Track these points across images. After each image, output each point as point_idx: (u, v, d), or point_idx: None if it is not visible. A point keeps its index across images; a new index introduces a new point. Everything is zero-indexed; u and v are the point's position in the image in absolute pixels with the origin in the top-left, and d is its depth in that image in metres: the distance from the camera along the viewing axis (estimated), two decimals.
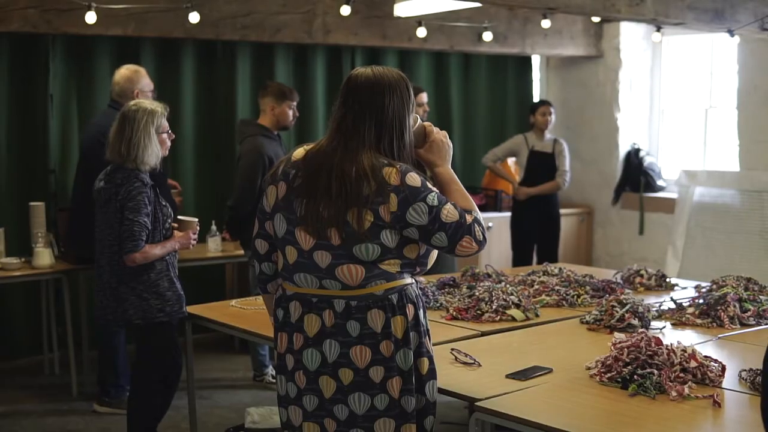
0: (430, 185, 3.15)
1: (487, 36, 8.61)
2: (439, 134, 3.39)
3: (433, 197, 3.12)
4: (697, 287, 5.51)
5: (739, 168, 8.85)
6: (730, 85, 9.14)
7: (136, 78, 6.39)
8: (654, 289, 5.58)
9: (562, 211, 8.98)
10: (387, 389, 3.16)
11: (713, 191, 9.02)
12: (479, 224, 3.19)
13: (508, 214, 8.83)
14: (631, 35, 9.83)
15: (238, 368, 7.49)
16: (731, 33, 7.06)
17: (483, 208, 9.26)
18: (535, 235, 8.58)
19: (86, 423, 6.20)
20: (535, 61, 10.44)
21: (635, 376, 3.45)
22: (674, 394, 3.33)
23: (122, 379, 6.38)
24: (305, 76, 8.70)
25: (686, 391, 3.35)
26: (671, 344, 3.60)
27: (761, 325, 4.60)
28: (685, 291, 5.52)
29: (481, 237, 3.18)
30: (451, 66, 9.73)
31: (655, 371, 3.44)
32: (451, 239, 3.13)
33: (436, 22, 8.37)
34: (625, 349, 3.57)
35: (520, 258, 8.52)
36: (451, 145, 3.43)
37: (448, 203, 3.15)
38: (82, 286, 7.02)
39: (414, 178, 3.12)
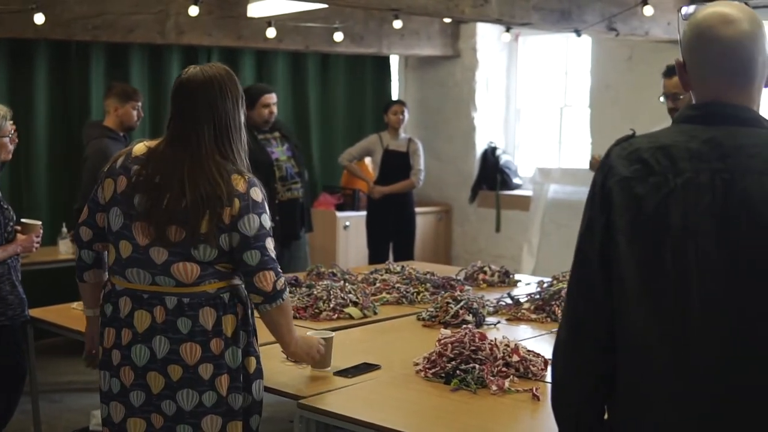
0: (266, 206, 3.21)
1: (338, 36, 8.60)
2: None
3: (266, 220, 3.19)
4: (539, 283, 5.58)
5: None
6: (584, 84, 9.30)
7: None
8: (497, 285, 5.62)
9: (421, 209, 9.04)
10: (215, 386, 3.18)
11: (567, 188, 9.16)
12: (284, 288, 3.25)
13: (365, 213, 8.84)
14: (488, 35, 9.94)
15: (92, 371, 7.36)
16: (578, 33, 7.17)
17: (341, 207, 9.35)
18: (390, 234, 8.60)
19: None
20: (394, 61, 10.49)
21: (458, 371, 3.49)
22: (494, 388, 3.38)
23: None
24: (160, 76, 8.60)
25: (506, 385, 3.40)
26: (495, 339, 3.65)
27: None
28: (528, 287, 5.57)
29: (280, 287, 3.22)
30: (308, 66, 9.70)
31: (477, 366, 3.48)
32: (260, 264, 3.16)
33: (291, 22, 8.34)
34: (449, 345, 3.61)
35: (376, 256, 8.51)
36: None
37: (273, 239, 3.23)
38: None
39: (257, 194, 3.19)
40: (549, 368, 3.59)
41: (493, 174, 9.90)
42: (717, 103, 2.14)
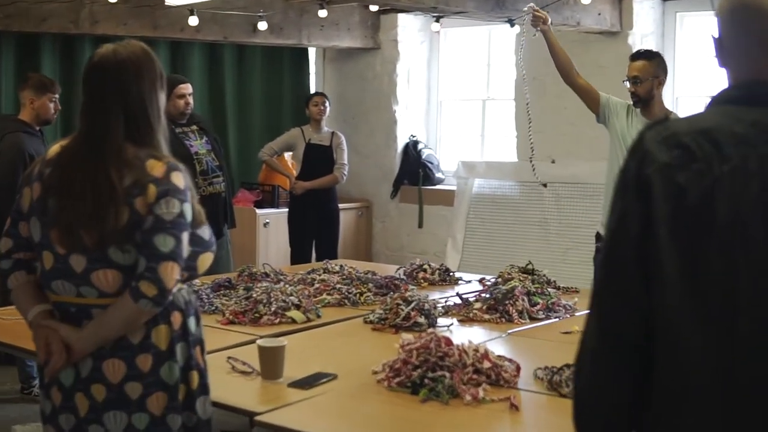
0: (191, 196, 2.86)
1: (262, 26, 8.29)
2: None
3: (188, 209, 2.82)
4: (481, 280, 5.37)
5: (517, 159, 8.83)
6: (508, 77, 9.11)
7: None
8: (438, 283, 5.41)
9: (341, 205, 8.78)
10: (147, 407, 2.83)
11: (492, 182, 8.98)
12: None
13: (286, 209, 8.56)
14: (409, 27, 9.71)
15: (5, 380, 6.96)
16: (511, 23, 6.97)
17: (260, 204, 9.06)
18: (313, 231, 8.33)
19: None
20: (312, 52, 10.22)
21: (426, 380, 3.21)
22: (469, 398, 3.11)
23: None
24: (72, 67, 8.25)
25: (481, 394, 3.13)
26: (462, 344, 3.38)
27: (551, 319, 4.47)
28: (469, 285, 5.38)
29: (172, 292, 2.79)
30: (226, 57, 9.42)
31: (447, 374, 3.21)
32: (172, 253, 2.75)
33: (209, 11, 8.01)
34: (414, 351, 3.33)
35: (298, 255, 8.25)
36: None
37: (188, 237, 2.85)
38: None
39: (179, 178, 2.82)
40: (522, 374, 3.38)
41: (415, 168, 9.66)
42: (760, 81, 1.90)
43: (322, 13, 7.83)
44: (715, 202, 1.79)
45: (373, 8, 8.27)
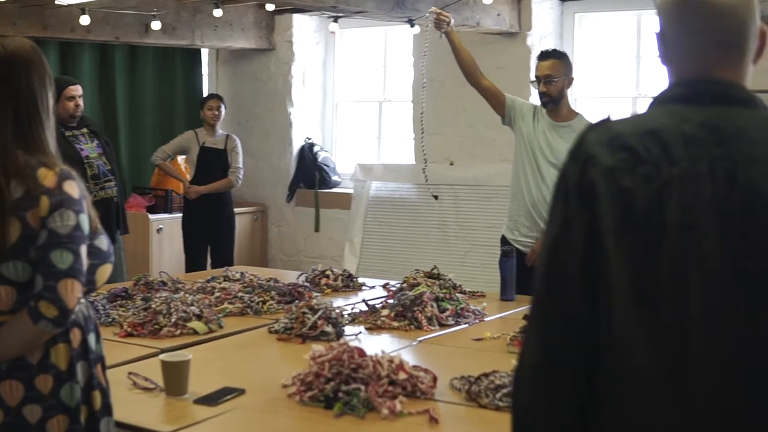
0: (86, 205, 2.65)
1: (156, 25, 8.03)
2: None
3: (85, 220, 2.61)
4: (385, 286, 5.25)
5: (414, 161, 8.73)
6: (405, 78, 9.01)
7: None
8: (341, 290, 5.26)
9: (236, 210, 8.59)
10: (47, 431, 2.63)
11: (390, 185, 8.89)
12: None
13: (180, 215, 8.35)
14: (304, 28, 9.55)
15: None
16: (411, 23, 6.86)
17: (152, 210, 8.83)
18: (208, 236, 8.14)
19: None
20: (204, 53, 10.00)
21: (340, 394, 3.07)
22: (386, 411, 2.97)
23: None
24: None
25: (398, 407, 3.00)
26: (376, 354, 3.24)
27: (460, 325, 4.35)
28: (374, 291, 5.24)
29: (74, 310, 2.57)
30: (117, 58, 9.17)
31: (362, 386, 3.07)
32: (71, 270, 2.54)
33: (101, 10, 7.75)
34: (326, 363, 3.17)
35: (193, 261, 8.04)
36: None
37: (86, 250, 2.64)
38: None
39: (72, 188, 2.60)
40: (438, 384, 3.26)
41: (311, 171, 9.49)
42: (707, 79, 1.81)
43: (217, 13, 7.63)
44: (663, 207, 1.70)
45: (269, 8, 8.07)
